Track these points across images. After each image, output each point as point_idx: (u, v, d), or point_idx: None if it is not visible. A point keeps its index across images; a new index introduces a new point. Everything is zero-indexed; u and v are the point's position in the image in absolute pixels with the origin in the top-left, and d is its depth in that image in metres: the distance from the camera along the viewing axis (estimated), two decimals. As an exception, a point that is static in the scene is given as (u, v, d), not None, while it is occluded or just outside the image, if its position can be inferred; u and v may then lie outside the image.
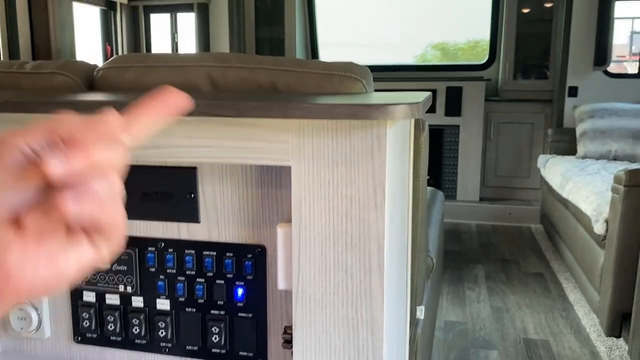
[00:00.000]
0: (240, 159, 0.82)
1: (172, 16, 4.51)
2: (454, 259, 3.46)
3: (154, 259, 0.93)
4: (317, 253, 0.81)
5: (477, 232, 3.97)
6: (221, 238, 0.91)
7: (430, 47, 5.12)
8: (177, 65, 1.47)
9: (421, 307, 1.41)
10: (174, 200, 0.91)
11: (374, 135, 0.77)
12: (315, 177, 0.80)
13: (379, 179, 0.78)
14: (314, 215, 0.80)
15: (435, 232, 1.92)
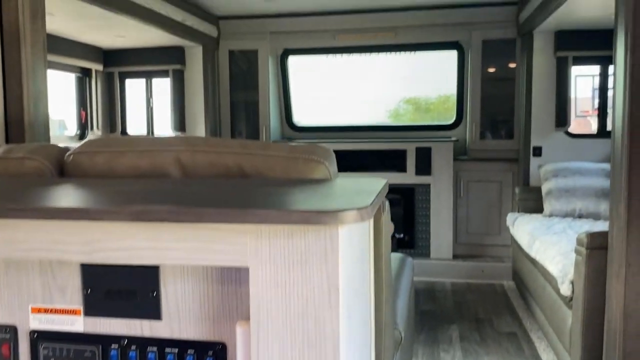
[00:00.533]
0: (200, 260, 0.85)
1: (147, 81, 4.60)
2: (429, 319, 3.47)
3: (117, 356, 0.95)
4: (275, 352, 0.84)
5: (451, 290, 4.01)
6: (182, 335, 0.93)
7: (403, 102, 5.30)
8: (146, 150, 1.52)
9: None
10: (137, 298, 0.94)
11: (327, 237, 0.82)
12: (273, 277, 0.83)
13: (332, 280, 0.82)
14: (272, 315, 0.84)
15: (404, 301, 1.95)
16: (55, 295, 0.97)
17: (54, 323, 0.97)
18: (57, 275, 0.97)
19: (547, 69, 3.92)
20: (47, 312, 0.97)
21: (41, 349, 0.97)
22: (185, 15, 3.90)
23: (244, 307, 0.91)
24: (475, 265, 4.19)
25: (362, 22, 4.36)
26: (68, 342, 0.96)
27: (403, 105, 5.36)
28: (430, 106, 5.32)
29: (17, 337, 0.98)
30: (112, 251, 0.88)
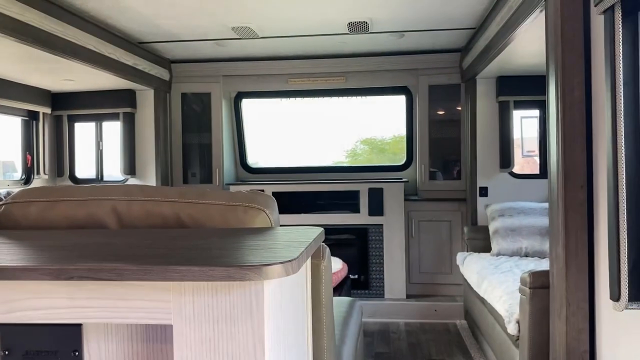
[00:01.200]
0: (122, 318, 0.83)
1: (97, 125, 4.54)
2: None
3: (35, 423, 0.90)
4: (200, 411, 0.82)
5: (405, 331, 4.00)
6: (107, 396, 0.90)
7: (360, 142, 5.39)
8: (82, 200, 1.48)
9: None
10: (58, 359, 0.90)
11: (252, 292, 0.81)
12: (197, 334, 0.82)
13: (258, 335, 0.81)
14: (196, 374, 0.82)
15: (351, 347, 1.93)
16: (-30, 358, 0.92)
17: (-32, 388, 0.92)
18: (-28, 336, 0.92)
19: (490, 112, 4.08)
20: (-40, 377, 0.92)
21: (-47, 417, 0.91)
22: (136, 59, 3.90)
23: (170, 365, 0.89)
24: (428, 305, 4.21)
25: (313, 67, 4.46)
26: (-18, 408, 0.91)
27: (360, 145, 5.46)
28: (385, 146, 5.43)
29: None
30: (31, 310, 0.85)
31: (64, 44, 3.04)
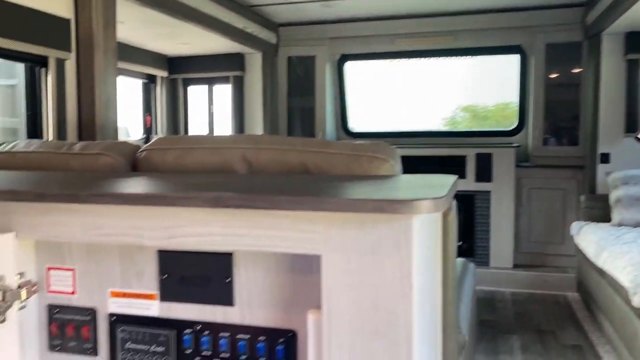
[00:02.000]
0: (272, 247, 0.87)
1: (209, 88, 4.73)
2: (489, 329, 3.37)
3: (190, 341, 0.97)
4: (346, 341, 0.84)
5: (511, 300, 3.88)
6: (254, 322, 0.95)
7: (460, 109, 5.21)
8: (214, 147, 1.56)
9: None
10: (211, 284, 0.96)
11: (400, 227, 0.81)
12: (344, 266, 0.83)
13: (406, 269, 0.81)
14: (343, 304, 0.84)
15: (467, 306, 1.90)
16: (133, 280, 1.01)
17: (132, 307, 1.01)
18: (135, 260, 1.00)
19: (616, 72, 3.76)
20: (125, 297, 1.01)
21: (119, 331, 1.01)
22: (246, 22, 3.99)
23: (314, 296, 0.92)
24: (537, 275, 4.04)
25: (420, 26, 4.33)
26: (144, 326, 1.00)
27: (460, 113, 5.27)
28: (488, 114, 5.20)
29: (96, 319, 1.03)
30: (188, 237, 0.91)
31: (183, 7, 3.18)
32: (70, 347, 1.04)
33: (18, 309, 1.00)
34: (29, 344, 1.06)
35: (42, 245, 1.06)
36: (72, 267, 1.04)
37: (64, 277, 1.04)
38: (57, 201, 0.95)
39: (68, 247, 1.04)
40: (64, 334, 1.05)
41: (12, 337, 0.98)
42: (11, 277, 0.98)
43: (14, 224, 0.99)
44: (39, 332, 1.07)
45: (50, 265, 1.05)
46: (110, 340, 1.02)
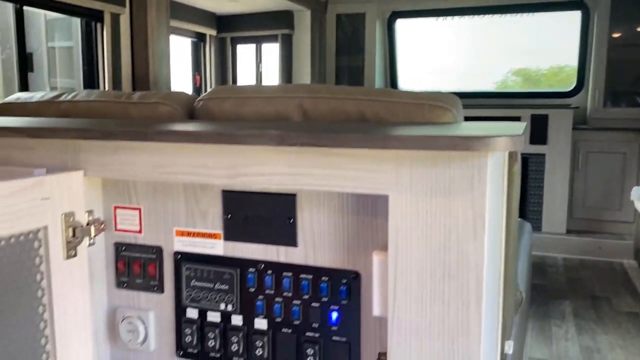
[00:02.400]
0: (338, 187, 0.85)
1: (257, 47, 4.71)
2: (540, 293, 3.31)
3: (254, 280, 0.98)
4: (413, 282, 0.82)
5: (563, 266, 3.79)
6: (317, 262, 0.95)
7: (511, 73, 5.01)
8: (270, 97, 1.55)
9: (510, 342, 1.38)
10: (274, 224, 0.96)
11: (474, 166, 0.78)
12: (413, 207, 0.81)
13: (478, 210, 0.79)
14: (411, 245, 0.82)
15: (524, 265, 1.86)
16: (197, 219, 1.02)
17: (196, 246, 1.02)
18: (199, 200, 1.01)
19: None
20: (189, 236, 1.03)
21: (184, 269, 1.03)
22: (295, -22, 3.93)
23: (378, 238, 0.91)
24: (591, 242, 3.92)
25: (475, -19, 4.15)
26: (209, 264, 1.01)
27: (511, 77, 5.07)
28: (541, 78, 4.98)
29: (162, 257, 1.05)
30: (253, 176, 0.90)
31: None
32: (137, 284, 1.07)
33: (87, 246, 1.03)
34: (97, 280, 1.09)
35: (109, 185, 1.08)
36: (138, 206, 1.06)
37: (130, 216, 1.07)
38: (124, 139, 0.96)
39: (134, 187, 1.06)
40: (130, 271, 1.07)
41: (82, 271, 1.01)
42: (81, 214, 1.01)
43: (83, 162, 1.01)
44: (106, 269, 1.10)
45: (117, 204, 1.08)
46: (175, 277, 1.04)
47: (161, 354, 1.07)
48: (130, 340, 1.07)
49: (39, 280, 0.94)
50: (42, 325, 0.95)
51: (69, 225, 0.98)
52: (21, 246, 0.91)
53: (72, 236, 0.99)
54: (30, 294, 0.93)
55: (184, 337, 1.03)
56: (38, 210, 0.92)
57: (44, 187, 0.93)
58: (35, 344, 0.94)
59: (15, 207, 0.88)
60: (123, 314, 1.08)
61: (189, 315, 1.03)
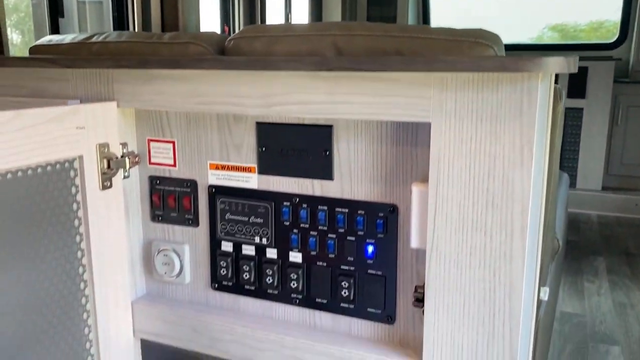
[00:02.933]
0: (378, 115, 0.82)
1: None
2: (572, 249, 3.26)
3: (289, 214, 0.97)
4: (454, 212, 0.80)
5: (598, 223, 3.71)
6: (353, 196, 0.92)
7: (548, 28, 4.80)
8: (302, 35, 1.50)
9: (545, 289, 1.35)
10: (310, 157, 0.94)
11: (523, 89, 0.74)
12: (457, 133, 0.78)
13: (527, 136, 0.75)
14: (454, 174, 0.79)
15: (561, 215, 1.81)
16: (231, 152, 1.00)
17: (230, 179, 1.01)
18: (233, 133, 0.99)
19: None
20: (224, 169, 1.01)
21: (218, 203, 1.02)
22: None
23: (417, 169, 0.88)
24: (627, 199, 3.82)
25: None
26: (243, 197, 1.00)
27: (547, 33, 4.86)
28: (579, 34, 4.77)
29: (197, 191, 1.04)
30: (289, 105, 0.88)
31: None
32: (172, 217, 1.07)
33: (122, 178, 1.03)
34: (133, 214, 1.09)
35: (143, 117, 1.07)
36: (172, 139, 1.05)
37: (164, 149, 1.06)
38: (158, 67, 0.94)
39: (167, 119, 1.04)
40: (165, 204, 1.07)
41: (118, 203, 1.02)
42: (115, 146, 1.00)
43: (116, 93, 1.00)
44: (141, 202, 1.10)
45: (151, 137, 1.07)
46: (210, 211, 1.03)
47: (196, 287, 1.08)
48: (165, 272, 1.08)
49: (75, 210, 0.94)
50: (79, 254, 0.96)
51: (104, 156, 0.98)
52: (57, 174, 0.91)
53: (107, 167, 0.99)
54: (68, 222, 0.93)
55: (219, 269, 1.03)
56: (73, 139, 0.92)
57: (79, 117, 0.92)
58: (74, 272, 0.95)
59: (50, 134, 0.88)
60: (158, 247, 1.08)
61: (223, 249, 1.03)
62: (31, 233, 0.87)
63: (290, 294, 0.99)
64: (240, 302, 1.04)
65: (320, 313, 0.98)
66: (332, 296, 0.96)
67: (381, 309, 0.93)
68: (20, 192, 0.85)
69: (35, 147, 0.85)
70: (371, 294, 0.93)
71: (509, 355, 0.80)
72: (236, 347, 1.00)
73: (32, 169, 0.86)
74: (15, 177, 0.84)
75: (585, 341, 2.35)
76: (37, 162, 0.86)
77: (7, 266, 0.83)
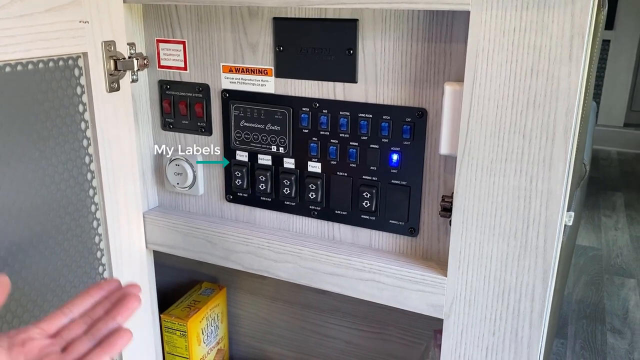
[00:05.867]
0: (409, 3, 0.74)
1: None
2: (591, 184, 3.19)
3: (308, 120, 0.90)
4: (490, 114, 0.73)
5: (617, 159, 3.62)
6: (379, 100, 0.86)
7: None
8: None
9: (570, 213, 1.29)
10: (332, 57, 0.86)
11: (577, -28, 0.65)
12: (499, 23, 0.70)
13: (578, 26, 0.67)
14: (492, 70, 0.71)
15: (589, 141, 1.74)
16: (246, 53, 0.93)
17: (245, 83, 0.94)
18: (248, 30, 0.92)
19: None
20: (238, 72, 0.94)
21: (232, 108, 0.96)
22: None
23: (451, 69, 0.80)
24: (650, 135, 3.71)
25: None
26: (259, 103, 0.93)
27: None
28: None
29: (209, 96, 0.98)
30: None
31: None
32: (183, 125, 1.01)
33: (131, 82, 0.97)
34: (142, 121, 1.04)
35: (151, 15, 0.99)
36: (182, 39, 0.97)
37: (174, 50, 0.98)
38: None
39: (177, 17, 0.97)
40: (176, 111, 1.01)
41: (126, 107, 0.96)
42: (122, 45, 0.93)
43: (122, -13, 0.92)
44: (151, 109, 1.05)
45: (160, 37, 0.99)
46: (223, 118, 0.97)
47: (210, 198, 1.04)
48: (177, 183, 1.03)
49: (81, 112, 0.89)
50: (87, 158, 0.91)
51: (110, 55, 0.91)
52: (61, 72, 0.84)
53: (114, 68, 0.92)
54: (74, 125, 0.88)
55: (234, 180, 0.99)
56: (77, 34, 0.85)
57: (82, 9, 0.85)
58: (82, 178, 0.91)
59: (52, 27, 0.81)
60: (170, 157, 1.03)
61: (238, 158, 0.98)
62: (34, 131, 0.82)
63: (309, 206, 0.94)
64: (256, 214, 1.00)
65: (340, 225, 0.94)
66: (352, 208, 0.91)
67: (404, 220, 0.88)
68: (22, 87, 0.79)
69: (35, 38, 0.78)
70: (394, 206, 0.88)
71: (542, 268, 0.76)
72: (251, 258, 0.97)
73: (32, 63, 0.80)
74: (15, 71, 0.78)
75: (601, 273, 2.33)
76: (37, 55, 0.80)
77: (10, 164, 0.79)
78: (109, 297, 0.68)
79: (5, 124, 0.77)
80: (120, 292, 0.69)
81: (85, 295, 0.68)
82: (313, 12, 0.86)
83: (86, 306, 0.67)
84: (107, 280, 0.71)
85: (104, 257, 0.97)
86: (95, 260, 0.95)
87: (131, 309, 0.67)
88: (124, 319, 0.66)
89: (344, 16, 0.84)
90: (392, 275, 0.86)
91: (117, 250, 0.98)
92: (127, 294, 0.68)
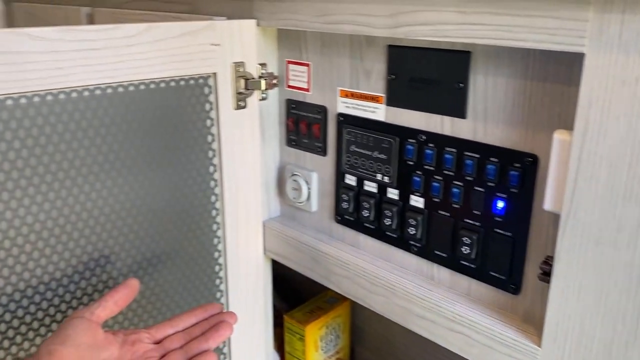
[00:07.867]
0: (517, 40, 0.65)
1: None
2: None
3: (413, 152, 0.86)
4: (602, 173, 0.61)
5: None
6: (487, 139, 0.78)
7: None
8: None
9: None
10: (441, 89, 0.81)
11: None
12: (618, 69, 0.58)
13: None
14: (608, 123, 0.60)
15: None
16: (361, 79, 0.92)
17: (357, 108, 0.94)
18: (365, 57, 0.90)
19: None
20: (352, 97, 0.94)
21: (345, 132, 0.96)
22: None
23: (569, 116, 0.69)
24: None
25: None
26: (368, 129, 0.92)
27: None
28: None
29: (326, 118, 0.99)
30: (418, 25, 0.75)
31: None
32: (304, 143, 1.05)
33: (259, 100, 1.03)
34: (270, 136, 1.10)
35: (284, 38, 1.04)
36: (308, 61, 1.00)
37: (300, 72, 1.02)
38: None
39: (305, 41, 1.00)
40: (299, 129, 1.05)
41: (252, 124, 1.02)
42: (252, 66, 0.99)
43: (256, 11, 0.98)
44: (279, 125, 1.10)
45: (290, 59, 1.03)
46: (337, 141, 0.98)
47: (322, 216, 1.06)
48: (294, 197, 1.07)
49: (209, 126, 0.97)
50: (211, 168, 1.00)
51: (239, 75, 0.98)
52: (191, 90, 0.94)
53: (243, 87, 0.99)
54: (201, 137, 0.97)
55: (342, 202, 0.99)
56: (208, 56, 0.93)
57: (215, 33, 0.93)
58: (205, 185, 1.00)
59: (184, 49, 0.90)
60: (291, 172, 1.08)
61: (347, 182, 0.98)
62: (165, 143, 0.92)
63: (409, 241, 0.90)
64: (360, 239, 0.99)
65: (439, 267, 0.88)
66: (452, 251, 0.85)
67: (506, 275, 0.79)
68: (155, 103, 0.90)
69: (168, 60, 0.88)
70: (496, 257, 0.79)
71: (654, 365, 0.62)
72: (349, 283, 0.97)
73: (165, 82, 0.90)
74: (149, 89, 0.88)
75: None
76: (170, 75, 0.89)
77: (143, 171, 0.90)
78: (208, 320, 0.77)
79: (138, 136, 0.89)
80: (218, 317, 0.77)
81: (191, 314, 0.78)
82: (426, 42, 0.81)
83: (189, 323, 0.77)
84: (211, 304, 0.80)
85: (221, 257, 1.06)
86: (212, 259, 1.05)
87: (223, 336, 0.74)
88: (215, 343, 0.73)
89: (455, 47, 0.78)
90: (482, 332, 0.79)
91: (233, 254, 1.06)
92: (223, 321, 0.75)
